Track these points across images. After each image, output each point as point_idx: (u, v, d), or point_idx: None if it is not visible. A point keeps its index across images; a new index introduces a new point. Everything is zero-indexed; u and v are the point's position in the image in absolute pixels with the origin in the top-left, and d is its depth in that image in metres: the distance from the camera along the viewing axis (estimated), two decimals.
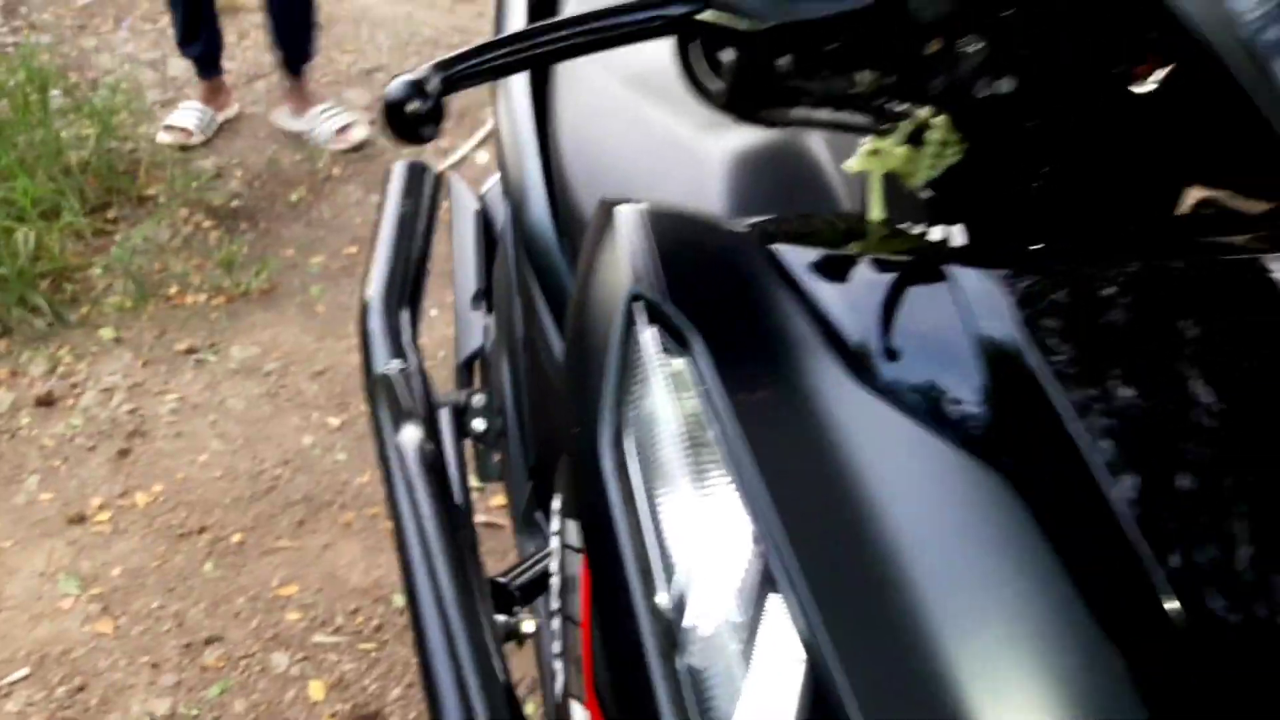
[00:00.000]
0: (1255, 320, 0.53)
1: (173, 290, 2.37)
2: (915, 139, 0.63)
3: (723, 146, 1.00)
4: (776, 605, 0.44)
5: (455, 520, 0.64)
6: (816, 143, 1.00)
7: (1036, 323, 0.52)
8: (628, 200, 0.62)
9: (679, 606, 0.47)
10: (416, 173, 0.60)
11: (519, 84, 1.15)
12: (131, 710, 1.53)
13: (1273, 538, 0.44)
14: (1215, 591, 0.42)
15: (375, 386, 0.58)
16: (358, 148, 2.83)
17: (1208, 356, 0.52)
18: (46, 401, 2.08)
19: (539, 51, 0.57)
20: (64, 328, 2.25)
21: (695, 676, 0.46)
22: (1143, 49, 0.60)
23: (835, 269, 0.59)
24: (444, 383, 2.03)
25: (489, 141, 2.82)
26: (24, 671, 1.58)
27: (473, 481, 1.01)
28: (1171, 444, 0.48)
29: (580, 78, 1.15)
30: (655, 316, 0.54)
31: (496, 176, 1.35)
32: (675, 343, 0.53)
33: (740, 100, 0.59)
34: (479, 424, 0.95)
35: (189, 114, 2.83)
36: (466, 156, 2.86)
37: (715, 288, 0.57)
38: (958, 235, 0.66)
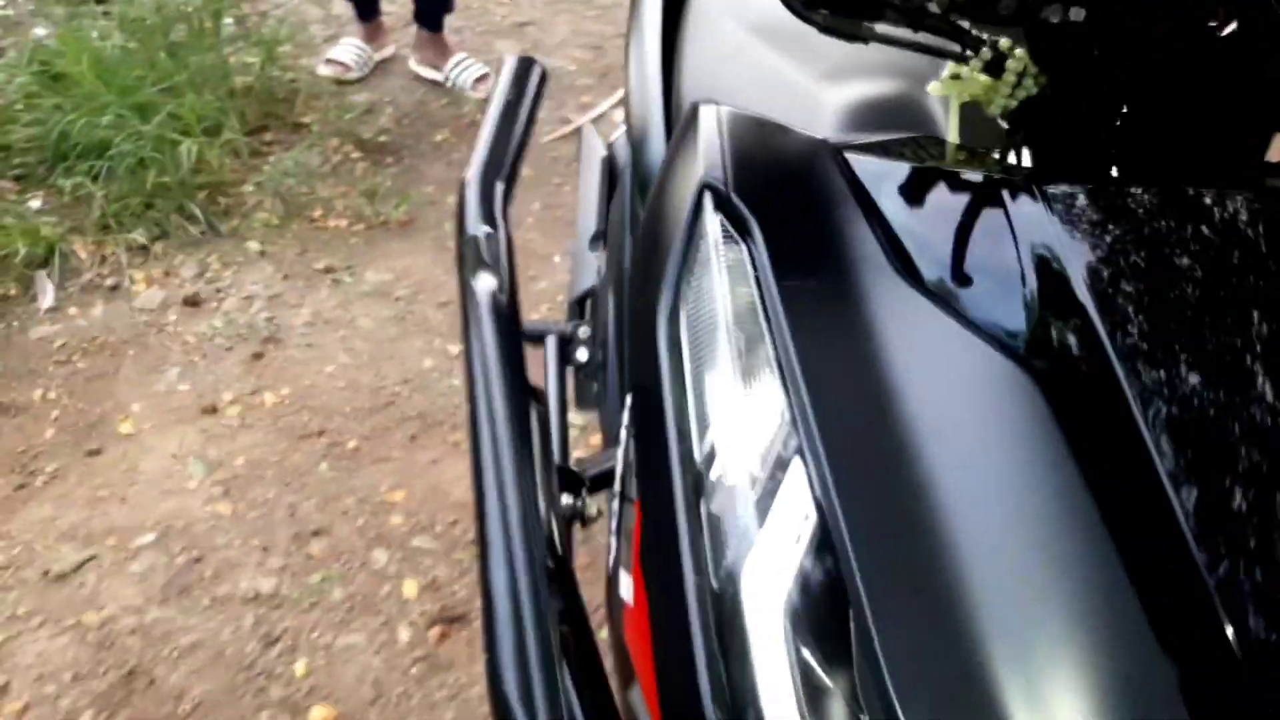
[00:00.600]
0: None
1: (317, 213, 2.48)
2: (995, 69, 0.64)
3: (842, 96, 1.01)
4: (796, 468, 0.46)
5: (523, 390, 0.66)
6: (933, 101, 1.01)
7: (1088, 250, 0.53)
8: (715, 102, 0.65)
9: (709, 459, 0.50)
10: (525, 66, 0.63)
11: (651, 26, 1.18)
12: (240, 585, 1.62)
13: None
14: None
15: (464, 245, 0.62)
16: None
17: (1264, 303, 0.51)
18: (193, 302, 2.21)
19: None
20: (215, 237, 2.38)
21: (715, 524, 0.48)
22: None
23: (899, 179, 0.60)
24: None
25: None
26: (150, 537, 1.70)
27: (573, 416, 1.05)
28: (1215, 396, 0.47)
29: (707, 24, 1.18)
30: (721, 206, 0.57)
31: (624, 127, 1.39)
32: (738, 232, 0.56)
33: (820, 4, 0.60)
34: (582, 354, 0.98)
35: (348, 50, 2.96)
36: (605, 113, 2.91)
37: (782, 186, 0.60)
38: (1030, 163, 0.66)
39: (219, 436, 1.91)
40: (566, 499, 0.72)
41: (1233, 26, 0.60)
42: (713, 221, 0.57)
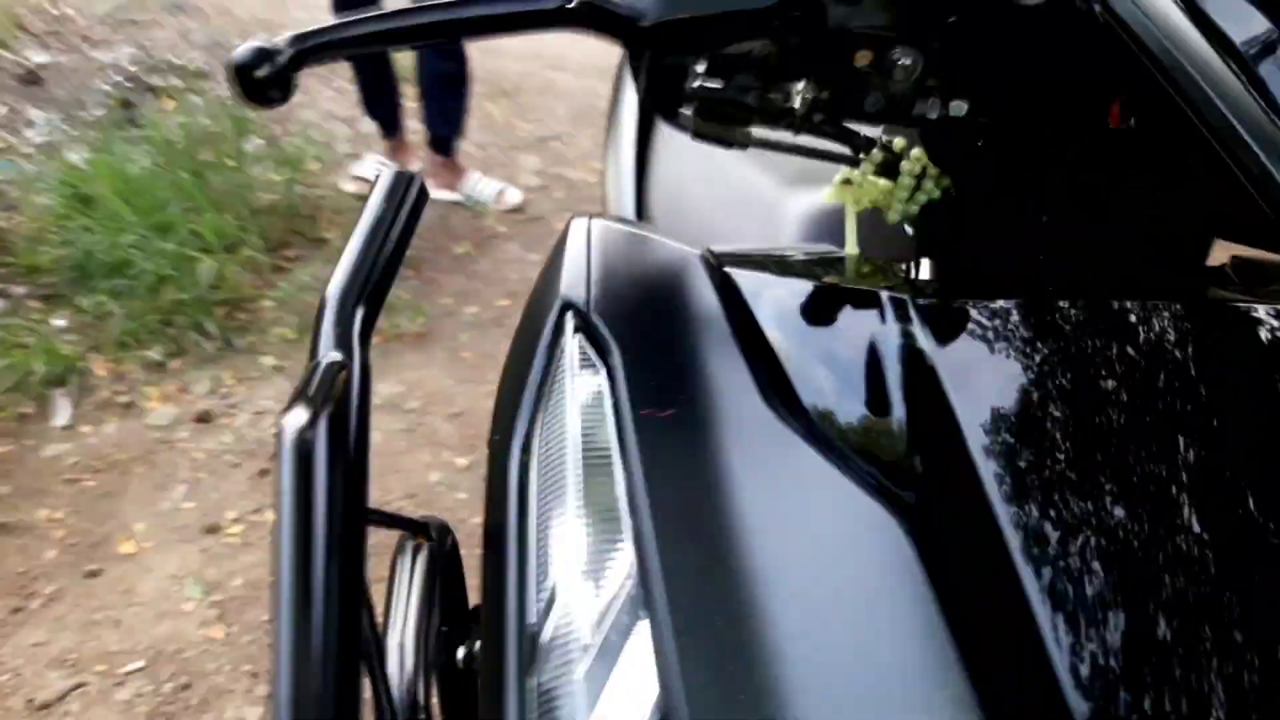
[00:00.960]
0: (1208, 372, 0.50)
1: None
2: (890, 171, 0.60)
3: (805, 202, 0.99)
4: (640, 636, 0.41)
5: (334, 523, 0.57)
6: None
7: (973, 375, 0.49)
8: (599, 215, 0.62)
9: (543, 620, 0.45)
10: (401, 180, 0.59)
11: (628, 125, 1.17)
12: (226, 714, 1.57)
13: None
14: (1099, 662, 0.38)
15: (309, 373, 0.56)
16: (518, 209, 2.94)
17: (1140, 412, 0.48)
18: (204, 419, 2.21)
19: (392, 30, 0.54)
20: (231, 352, 2.39)
21: (545, 701, 0.43)
22: (1097, 79, 0.54)
23: (780, 296, 0.56)
24: None
25: None
26: (139, 664, 1.65)
27: None
28: (1086, 507, 0.44)
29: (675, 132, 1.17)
30: (582, 327, 0.53)
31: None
32: (599, 356, 0.52)
33: (659, 103, 0.56)
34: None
35: (372, 166, 3.01)
36: None
37: (651, 305, 0.56)
38: (935, 277, 0.61)
39: (219, 556, 1.88)
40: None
41: (1127, 122, 0.55)
42: (571, 344, 0.53)
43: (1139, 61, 0.47)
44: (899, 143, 0.60)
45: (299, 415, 0.50)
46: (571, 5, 0.46)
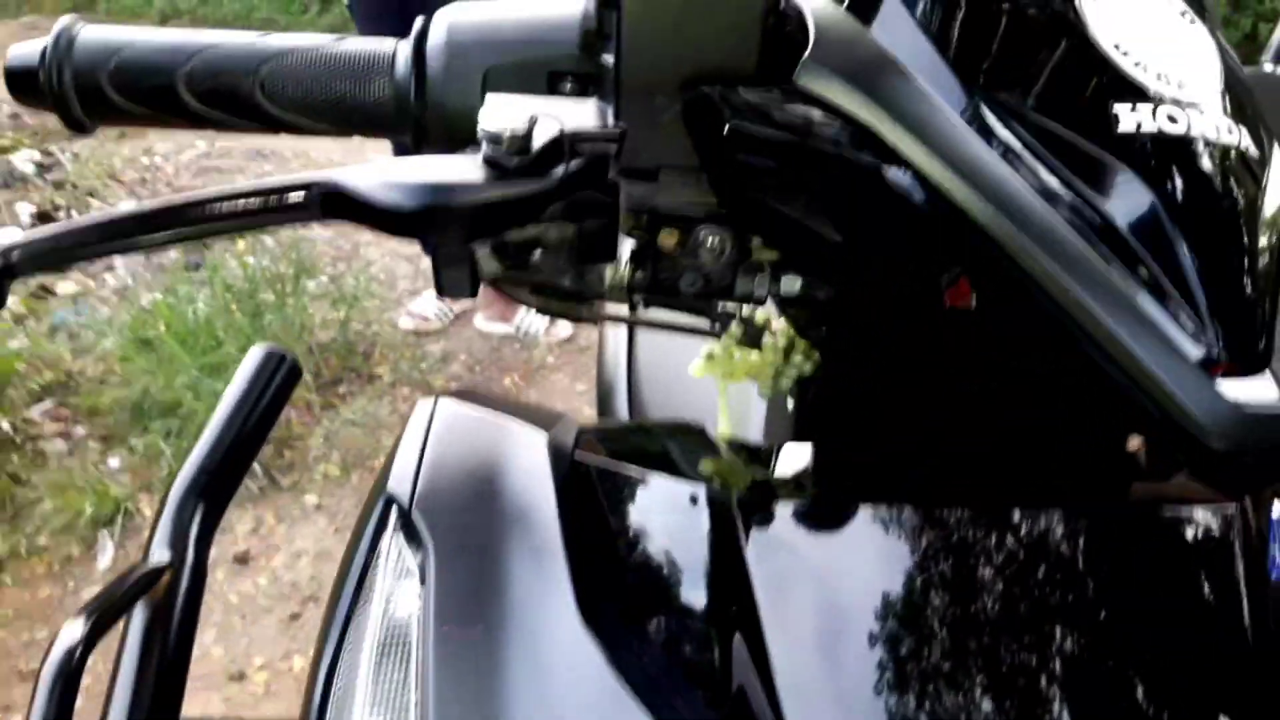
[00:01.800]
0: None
1: (378, 463, 2.49)
2: (755, 344, 0.55)
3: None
4: None
5: None
6: None
7: (788, 584, 0.45)
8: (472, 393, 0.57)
9: None
10: (271, 359, 0.55)
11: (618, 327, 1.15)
12: None
13: None
14: None
15: (123, 576, 0.52)
16: (568, 340, 2.94)
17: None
18: (243, 559, 2.20)
19: (120, 231, 0.48)
20: (275, 491, 2.40)
21: None
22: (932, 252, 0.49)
23: (619, 489, 0.51)
24: None
25: None
26: None
27: None
28: None
29: None
30: (403, 526, 0.48)
31: None
32: (417, 560, 0.47)
33: (449, 288, 0.51)
34: None
35: (428, 303, 3.06)
36: None
37: (480, 500, 0.50)
38: (802, 467, 0.55)
39: (241, 705, 1.84)
40: None
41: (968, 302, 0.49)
42: (389, 546, 0.48)
43: (968, 232, 0.42)
44: (760, 315, 0.55)
45: (73, 630, 0.46)
46: (322, 198, 0.42)
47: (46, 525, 2.26)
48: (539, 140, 0.42)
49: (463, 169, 0.42)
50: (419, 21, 0.52)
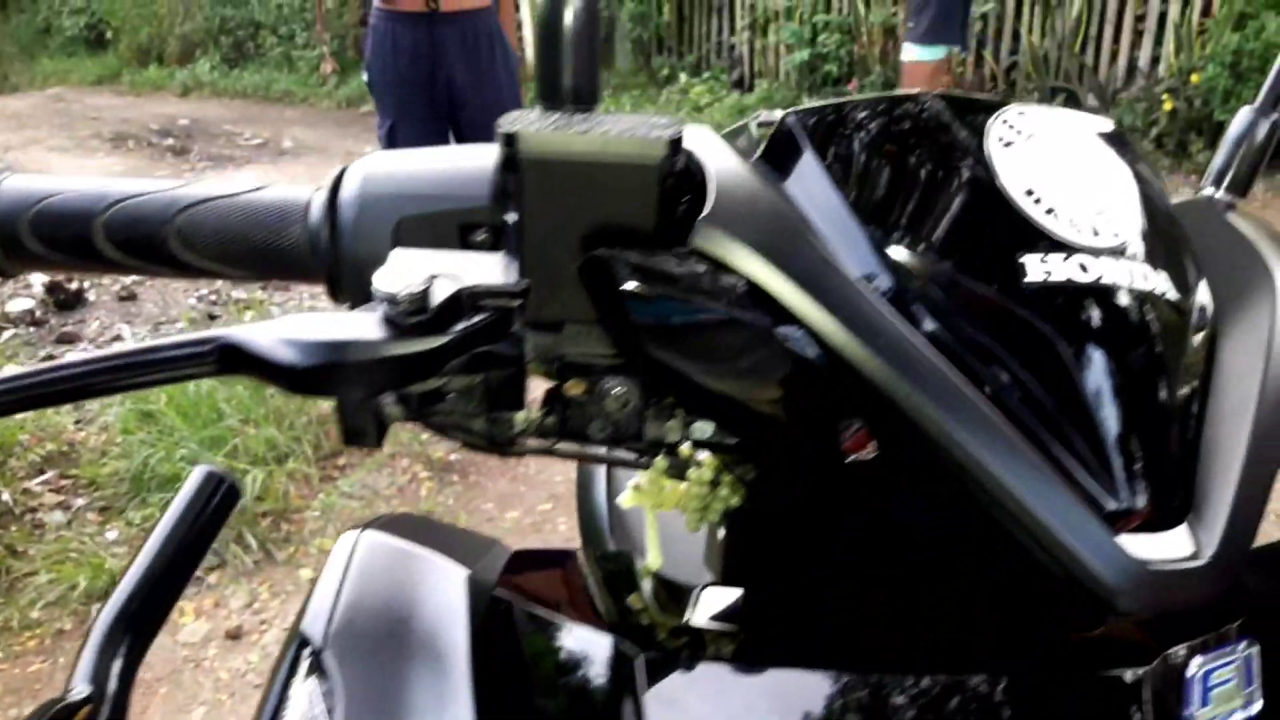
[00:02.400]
0: None
1: None
2: (682, 474, 0.54)
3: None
4: None
5: None
6: None
7: None
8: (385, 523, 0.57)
9: None
10: (211, 480, 0.55)
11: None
12: None
13: None
14: None
15: (38, 711, 0.50)
16: None
17: None
18: (235, 635, 2.19)
19: (14, 396, 0.44)
20: (270, 564, 2.39)
21: None
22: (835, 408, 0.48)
23: (533, 632, 0.50)
24: None
25: None
26: None
27: None
28: None
29: None
30: (315, 668, 0.48)
31: None
32: (327, 705, 0.47)
33: (353, 437, 0.50)
34: None
35: None
36: None
37: (395, 641, 0.49)
38: (717, 609, 0.54)
39: None
40: None
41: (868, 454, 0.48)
42: (300, 690, 0.48)
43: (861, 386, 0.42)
44: (686, 446, 0.55)
45: None
46: (220, 354, 0.41)
47: (41, 598, 2.25)
48: (437, 298, 0.42)
49: (361, 326, 0.42)
50: (334, 171, 0.52)
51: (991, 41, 7.22)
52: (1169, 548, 0.43)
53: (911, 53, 5.26)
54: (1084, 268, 0.47)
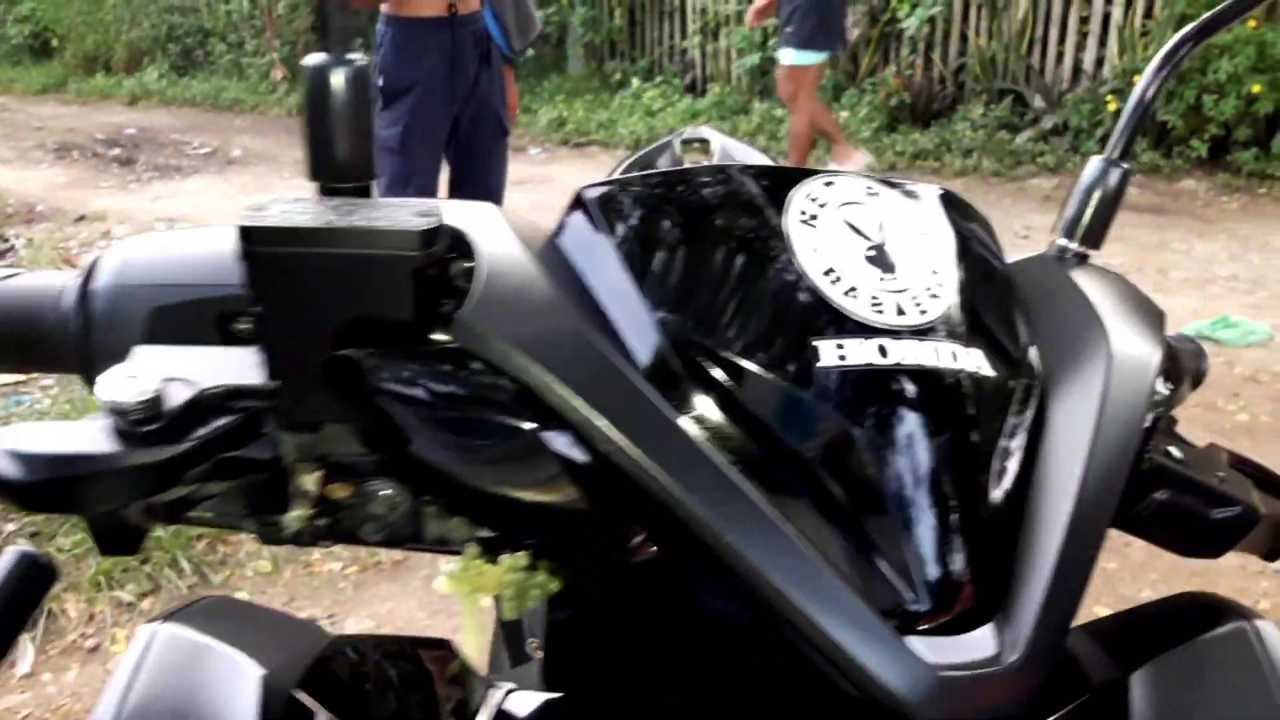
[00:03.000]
0: None
1: (314, 556, 2.44)
2: (494, 557, 0.52)
3: None
4: None
5: None
6: None
7: None
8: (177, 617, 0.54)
9: None
10: (23, 562, 0.51)
11: None
12: None
13: None
14: None
15: None
16: None
17: None
18: None
19: None
20: (205, 588, 2.35)
21: None
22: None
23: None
24: None
25: None
26: None
27: None
28: None
29: None
30: None
31: None
32: None
33: (109, 547, 0.47)
34: None
35: None
36: None
37: None
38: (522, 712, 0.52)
39: None
40: None
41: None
42: None
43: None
44: (485, 531, 0.52)
45: None
46: None
47: None
48: (171, 402, 0.39)
49: (91, 436, 0.39)
50: (89, 259, 0.50)
51: (939, 45, 7.27)
52: (970, 650, 0.41)
53: (789, 57, 5.25)
54: (883, 350, 0.44)
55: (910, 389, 0.44)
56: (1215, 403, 3.30)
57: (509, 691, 0.52)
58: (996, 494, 0.45)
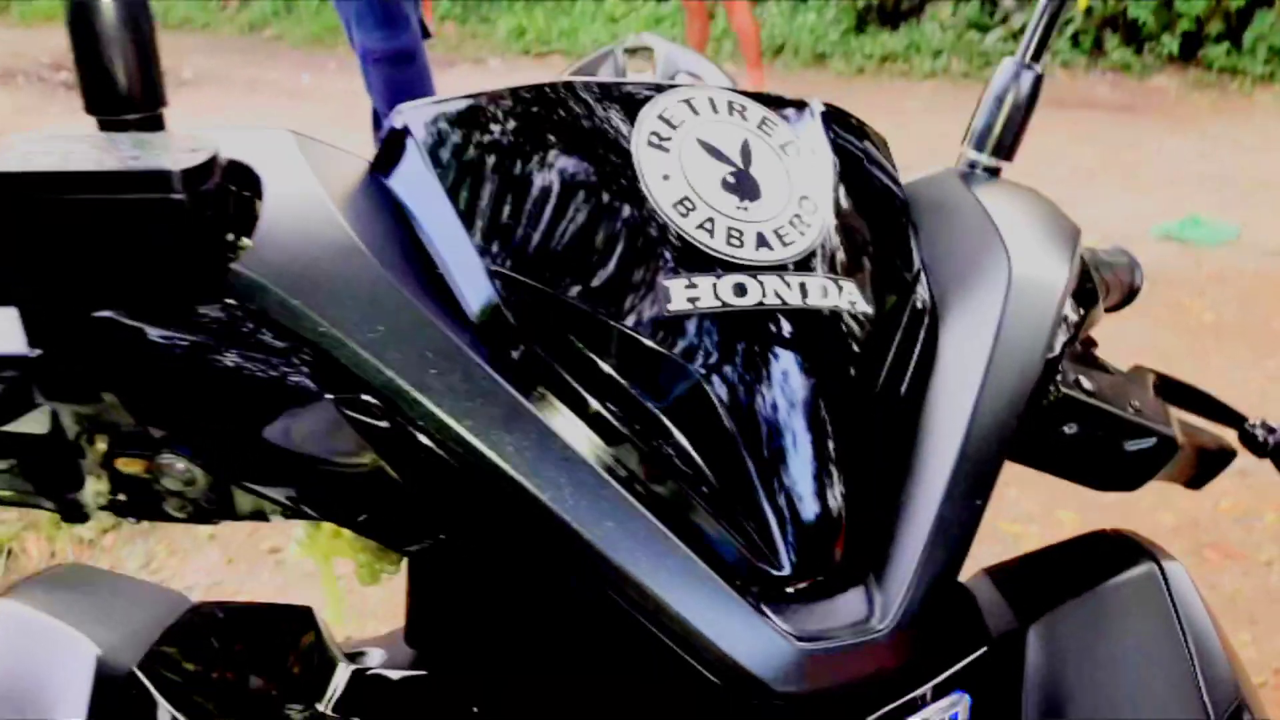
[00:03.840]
0: None
1: None
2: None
3: None
4: None
5: None
6: None
7: None
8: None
9: None
10: None
11: None
12: None
13: None
14: None
15: None
16: None
17: None
18: None
19: None
20: (169, 524, 2.33)
21: None
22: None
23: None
24: None
25: None
26: None
27: None
28: None
29: None
30: None
31: None
32: None
33: None
34: None
35: None
36: None
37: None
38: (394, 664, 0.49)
39: None
40: None
41: None
42: None
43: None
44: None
45: None
46: None
47: None
48: None
49: None
50: None
51: None
52: (838, 616, 0.37)
53: None
54: (741, 289, 0.40)
55: (772, 331, 0.40)
56: (1182, 302, 3.29)
57: (358, 667, 0.48)
58: (874, 441, 0.41)
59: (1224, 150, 4.85)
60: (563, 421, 0.38)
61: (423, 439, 0.37)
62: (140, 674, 0.43)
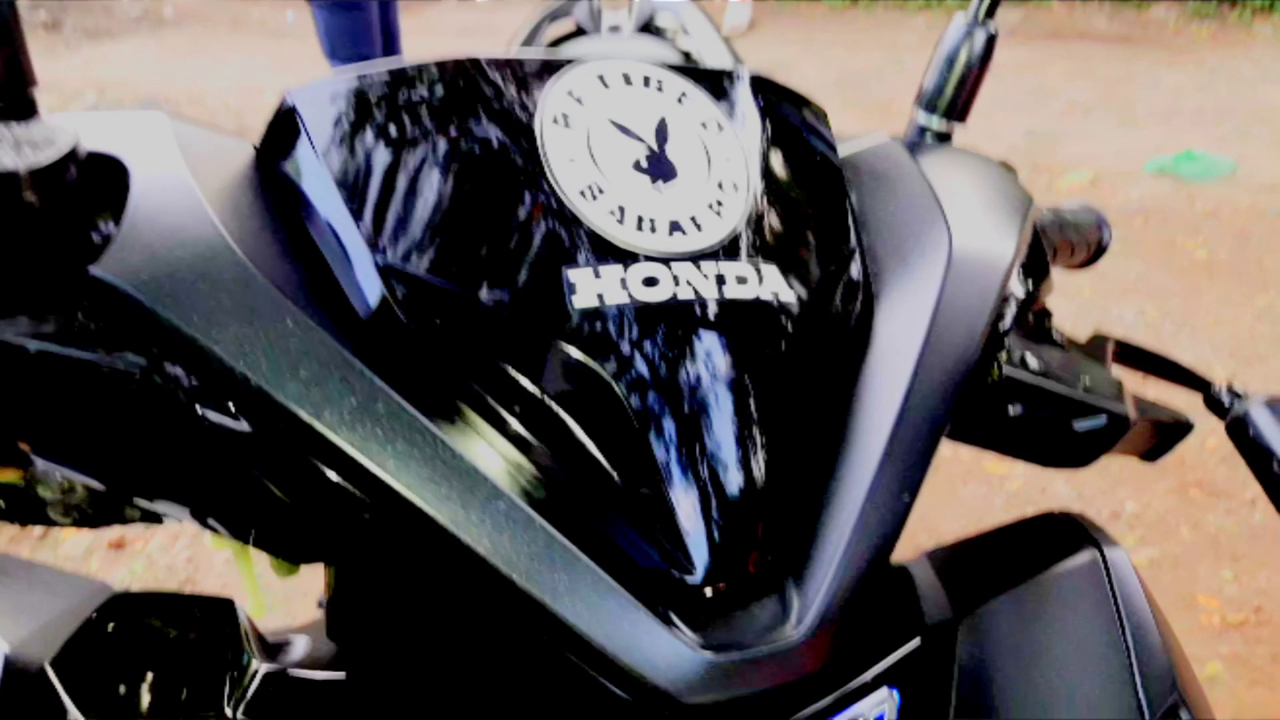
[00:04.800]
0: None
1: None
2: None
3: None
4: None
5: None
6: None
7: None
8: None
9: None
10: None
11: None
12: None
13: None
14: None
15: None
16: None
17: None
18: (118, 545, 2.13)
19: None
20: None
21: None
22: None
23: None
24: None
25: None
26: None
27: None
28: None
29: None
30: None
31: None
32: None
33: None
34: None
35: None
36: None
37: None
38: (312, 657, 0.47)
39: None
40: None
41: None
42: None
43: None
44: None
45: None
46: None
47: None
48: None
49: None
50: None
51: None
52: (752, 624, 0.36)
53: None
54: (652, 281, 0.37)
55: (685, 325, 0.38)
56: (1175, 240, 3.26)
57: (273, 668, 0.46)
58: (799, 437, 0.39)
59: (1222, 83, 4.78)
60: (456, 428, 0.36)
61: (303, 453, 0.34)
62: (51, 671, 0.41)
